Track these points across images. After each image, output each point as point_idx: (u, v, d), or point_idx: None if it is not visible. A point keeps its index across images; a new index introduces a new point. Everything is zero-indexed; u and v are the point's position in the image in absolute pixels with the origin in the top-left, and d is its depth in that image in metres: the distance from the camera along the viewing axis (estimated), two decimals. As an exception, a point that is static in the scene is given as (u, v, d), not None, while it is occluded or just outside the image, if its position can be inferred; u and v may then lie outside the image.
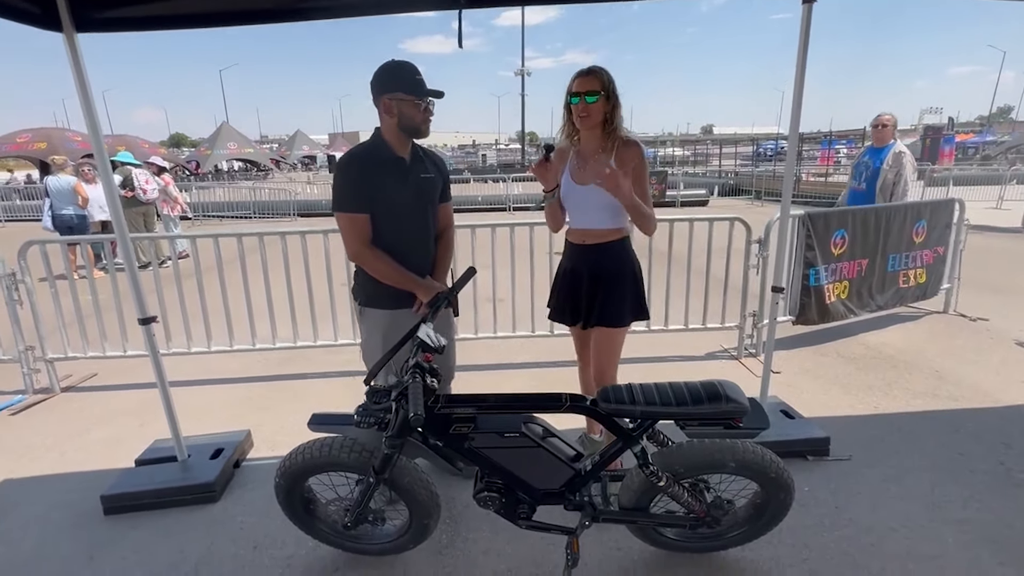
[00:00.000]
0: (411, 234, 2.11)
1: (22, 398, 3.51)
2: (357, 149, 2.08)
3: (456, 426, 1.67)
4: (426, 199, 2.15)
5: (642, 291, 2.27)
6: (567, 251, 2.33)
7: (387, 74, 1.96)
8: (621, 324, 2.21)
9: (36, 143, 14.55)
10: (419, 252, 2.14)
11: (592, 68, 2.05)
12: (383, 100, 1.97)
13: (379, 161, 2.01)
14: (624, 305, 2.20)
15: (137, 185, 7.47)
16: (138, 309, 2.34)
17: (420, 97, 1.97)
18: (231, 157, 23.74)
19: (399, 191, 2.03)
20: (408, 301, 2.09)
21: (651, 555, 2.03)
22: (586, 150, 2.17)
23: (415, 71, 1.96)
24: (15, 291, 3.48)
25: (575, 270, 2.26)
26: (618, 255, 2.21)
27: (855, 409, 3.16)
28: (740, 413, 1.58)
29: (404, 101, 1.95)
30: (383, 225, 2.03)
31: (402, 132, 2.01)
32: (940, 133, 21.60)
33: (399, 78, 1.95)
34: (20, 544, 2.20)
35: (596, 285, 2.19)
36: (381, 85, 1.96)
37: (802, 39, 2.31)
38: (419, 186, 2.09)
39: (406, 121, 1.98)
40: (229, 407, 3.36)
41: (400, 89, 1.95)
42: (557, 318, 2.42)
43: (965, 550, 2.04)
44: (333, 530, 2.01)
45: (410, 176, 2.06)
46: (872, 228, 4.13)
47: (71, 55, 2.03)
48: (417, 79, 1.96)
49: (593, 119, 2.06)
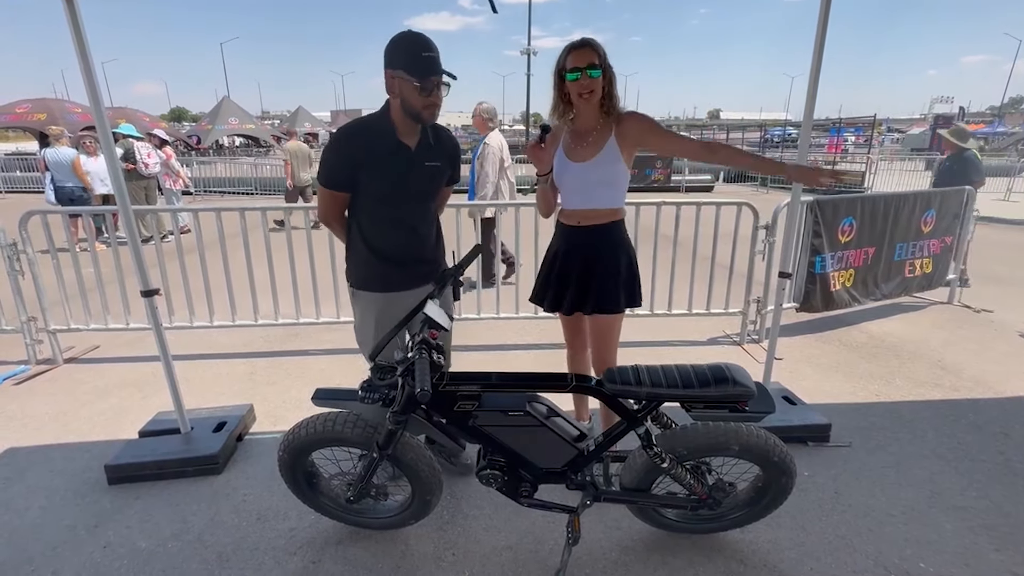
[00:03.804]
0: (407, 221, 1.98)
1: (25, 368, 3.52)
2: (354, 124, 1.90)
3: (461, 403, 1.67)
4: (428, 189, 2.01)
5: (637, 276, 2.17)
6: (559, 233, 2.21)
7: (393, 47, 1.75)
8: (617, 310, 2.12)
9: (35, 114, 14.34)
10: (416, 239, 2.02)
11: (585, 40, 1.93)
12: (387, 75, 1.78)
13: (377, 142, 1.84)
14: (619, 291, 2.10)
15: (139, 158, 7.40)
16: (140, 281, 2.33)
17: (421, 79, 1.71)
18: (232, 132, 23.45)
19: (397, 178, 1.87)
20: (400, 284, 2.00)
21: (651, 535, 2.05)
22: (583, 127, 2.05)
23: (424, 47, 1.72)
24: (16, 262, 3.46)
25: (568, 253, 2.15)
26: (614, 238, 2.11)
27: (856, 397, 3.16)
28: (746, 397, 1.57)
29: (405, 81, 1.73)
30: (376, 209, 1.92)
31: (405, 114, 1.82)
32: (950, 123, 21.34)
33: (403, 53, 1.73)
34: (25, 513, 2.22)
35: (590, 270, 2.10)
36: (387, 59, 1.77)
37: (820, 23, 2.26)
38: (422, 175, 1.95)
39: (406, 104, 1.78)
40: (231, 381, 3.37)
41: (402, 66, 1.72)
42: (539, 302, 2.29)
43: (962, 537, 2.05)
44: (336, 504, 2.03)
45: (412, 164, 1.89)
46: (881, 216, 4.09)
47: (70, 20, 1.98)
48: (425, 56, 1.72)
49: (597, 93, 1.94)
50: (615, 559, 1.96)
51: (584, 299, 2.13)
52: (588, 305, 2.13)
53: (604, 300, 2.10)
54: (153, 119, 17.38)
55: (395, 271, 1.99)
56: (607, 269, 2.10)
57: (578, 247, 2.13)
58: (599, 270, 2.10)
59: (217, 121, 21.93)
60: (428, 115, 1.81)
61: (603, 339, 2.20)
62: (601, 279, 2.10)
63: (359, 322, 2.13)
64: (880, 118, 27.73)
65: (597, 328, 2.19)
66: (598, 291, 2.10)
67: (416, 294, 2.01)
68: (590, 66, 1.90)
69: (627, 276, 2.13)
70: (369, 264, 1.98)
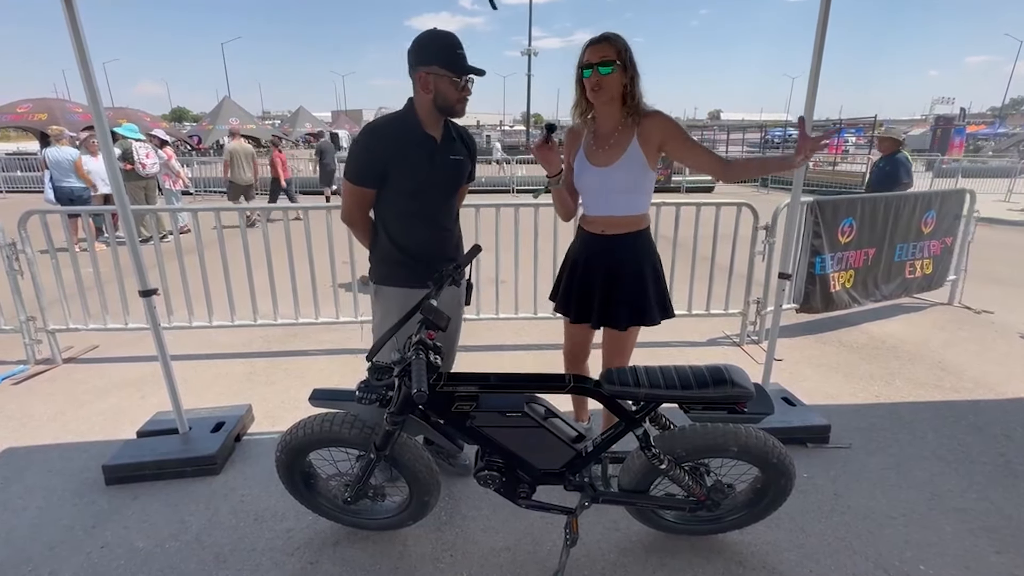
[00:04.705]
0: (433, 216, 2.01)
1: (24, 368, 3.52)
2: (384, 120, 1.95)
3: (458, 404, 1.66)
4: (452, 182, 2.04)
5: (664, 287, 2.09)
6: (580, 240, 2.12)
7: (426, 45, 1.81)
8: (654, 323, 2.04)
9: (36, 114, 14.36)
10: (440, 235, 2.06)
11: (606, 35, 1.85)
12: (419, 73, 1.82)
13: (405, 137, 1.89)
14: (652, 305, 2.02)
15: (136, 159, 7.39)
16: (139, 281, 2.32)
17: (459, 74, 1.82)
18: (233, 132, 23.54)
19: (425, 171, 1.91)
20: (423, 280, 1.98)
21: (650, 536, 2.04)
22: (603, 128, 1.96)
23: (456, 44, 1.81)
24: (15, 261, 3.46)
25: (588, 263, 2.06)
26: (640, 248, 2.02)
27: (856, 398, 3.15)
28: (745, 398, 1.56)
29: (441, 77, 1.80)
30: (403, 204, 1.95)
31: (436, 109, 1.88)
32: (951, 124, 21.32)
33: (439, 51, 1.80)
34: (23, 512, 2.21)
35: (616, 283, 2.01)
36: (418, 57, 1.81)
37: (820, 24, 2.25)
38: (447, 168, 1.98)
39: (442, 99, 1.84)
40: (230, 382, 3.37)
41: (438, 63, 1.80)
42: (564, 312, 2.20)
43: (963, 539, 2.04)
44: (333, 505, 2.03)
45: (437, 157, 1.93)
46: (881, 217, 4.08)
47: (69, 20, 1.97)
48: (458, 53, 1.81)
49: (608, 92, 1.86)
50: (613, 560, 1.95)
51: (613, 312, 2.03)
52: (621, 319, 2.03)
53: (640, 314, 2.02)
54: (154, 119, 17.40)
55: (420, 267, 1.98)
56: (636, 283, 2.01)
57: (600, 256, 2.04)
58: (624, 282, 2.01)
59: (218, 121, 21.94)
60: (461, 108, 1.90)
61: (621, 349, 2.14)
62: (634, 292, 2.01)
63: (380, 319, 2.11)
64: (881, 119, 27.68)
65: (618, 339, 2.12)
66: (633, 304, 2.01)
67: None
68: (602, 62, 1.82)
69: (655, 289, 2.05)
70: (394, 260, 2.00)
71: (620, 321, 2.04)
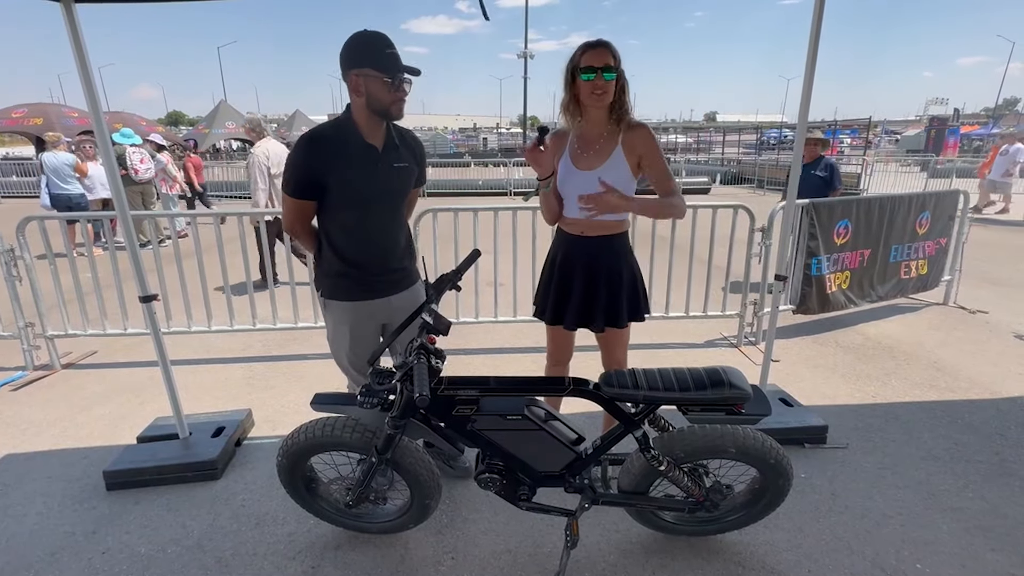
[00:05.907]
0: (377, 227, 1.94)
1: (23, 374, 3.52)
2: (320, 129, 1.86)
3: (459, 408, 1.68)
4: (398, 191, 1.98)
5: (641, 288, 2.13)
6: (560, 240, 2.15)
7: (355, 47, 1.74)
8: (622, 325, 2.10)
9: (32, 119, 14.34)
10: (385, 245, 1.98)
11: (602, 41, 1.88)
12: (351, 76, 1.75)
13: (344, 147, 1.81)
14: (622, 306, 2.08)
15: (130, 164, 7.37)
16: (139, 287, 2.33)
17: (390, 74, 1.73)
18: (229, 136, 23.43)
19: (366, 182, 1.84)
20: (372, 291, 1.97)
21: (649, 538, 2.06)
22: (590, 133, 2.00)
23: (386, 44, 1.74)
24: (14, 267, 3.46)
25: (568, 262, 2.10)
26: (618, 251, 2.08)
27: (853, 398, 3.17)
28: (743, 399, 1.58)
29: (372, 79, 1.73)
30: (345, 216, 1.88)
31: (373, 113, 1.80)
32: (945, 124, 21.44)
33: (368, 52, 1.74)
34: (23, 519, 2.22)
35: (593, 282, 2.06)
36: (348, 59, 1.75)
37: (814, 26, 2.28)
38: (390, 177, 1.91)
39: (375, 102, 1.77)
40: (230, 386, 3.37)
41: (367, 64, 1.73)
42: (540, 315, 2.24)
43: (959, 537, 2.06)
44: (334, 509, 2.03)
45: (380, 166, 1.86)
46: (876, 218, 4.11)
47: (69, 26, 1.99)
48: (388, 53, 1.73)
49: (609, 97, 1.90)
50: (613, 562, 1.96)
51: (589, 314, 2.09)
52: (597, 321, 2.08)
53: (613, 316, 2.08)
54: (150, 123, 17.37)
55: (366, 279, 1.95)
56: (612, 282, 2.06)
57: (579, 257, 2.08)
58: (603, 283, 2.06)
59: (214, 125, 21.91)
60: (396, 111, 1.81)
61: (613, 347, 2.19)
62: (608, 294, 2.06)
63: (332, 333, 2.07)
64: (876, 120, 27.87)
65: (605, 339, 2.19)
66: (607, 306, 2.06)
67: (389, 302, 2.00)
68: (605, 68, 1.86)
69: (631, 289, 2.10)
70: (339, 273, 1.94)
71: (597, 323, 2.10)
